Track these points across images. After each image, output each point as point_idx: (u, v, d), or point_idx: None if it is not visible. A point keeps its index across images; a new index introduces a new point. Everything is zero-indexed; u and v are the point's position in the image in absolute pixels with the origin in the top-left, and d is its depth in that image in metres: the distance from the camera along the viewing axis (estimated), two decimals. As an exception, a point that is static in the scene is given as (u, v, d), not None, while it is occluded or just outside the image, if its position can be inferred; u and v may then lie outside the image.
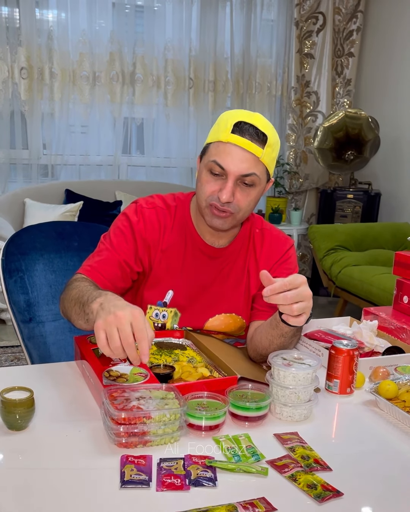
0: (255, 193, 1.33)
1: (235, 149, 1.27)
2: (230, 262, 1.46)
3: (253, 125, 1.27)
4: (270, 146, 1.29)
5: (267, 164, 1.31)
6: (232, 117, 1.29)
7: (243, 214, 1.35)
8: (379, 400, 1.21)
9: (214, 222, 1.35)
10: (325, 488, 0.92)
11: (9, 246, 1.60)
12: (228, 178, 1.29)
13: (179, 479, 0.92)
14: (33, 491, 0.89)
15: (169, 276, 1.43)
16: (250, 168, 1.28)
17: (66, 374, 1.31)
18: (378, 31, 4.71)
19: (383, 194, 4.56)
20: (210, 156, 1.31)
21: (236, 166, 1.27)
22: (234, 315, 1.47)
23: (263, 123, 1.30)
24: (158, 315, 1.45)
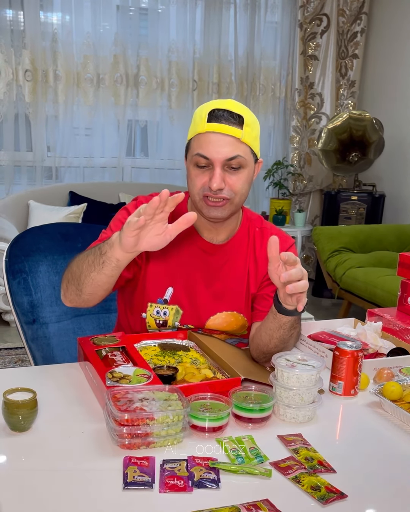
0: (245, 175, 1.33)
1: (214, 136, 1.28)
2: (229, 258, 1.46)
3: (226, 109, 1.29)
4: (248, 125, 1.29)
5: (250, 143, 1.31)
6: (205, 108, 1.31)
7: (239, 198, 1.35)
8: (383, 402, 1.20)
9: (211, 213, 1.34)
10: (329, 490, 0.92)
11: (13, 247, 1.60)
12: (214, 166, 1.29)
13: (182, 481, 0.92)
14: (36, 492, 0.89)
15: (168, 273, 1.43)
16: (233, 151, 1.28)
17: (69, 375, 1.30)
18: (382, 33, 4.70)
19: (387, 196, 4.55)
20: (193, 150, 1.32)
21: (218, 153, 1.27)
22: (235, 313, 1.46)
23: (236, 105, 1.31)
24: (159, 312, 1.45)
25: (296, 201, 5.10)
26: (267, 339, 1.30)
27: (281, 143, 5.05)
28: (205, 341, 1.38)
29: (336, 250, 4.02)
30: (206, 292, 1.45)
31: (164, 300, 1.44)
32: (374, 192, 4.54)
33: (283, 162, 4.84)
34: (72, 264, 1.31)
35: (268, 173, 4.80)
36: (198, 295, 1.45)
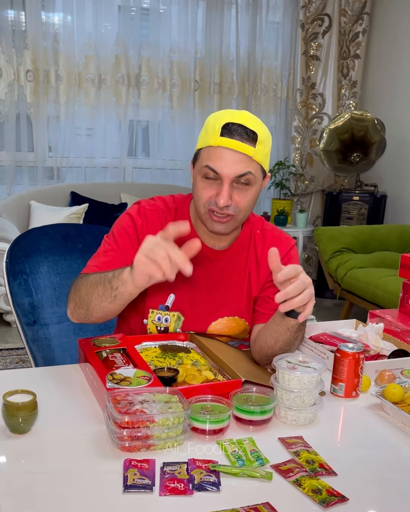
0: (252, 192, 1.31)
1: (226, 152, 1.25)
2: (231, 264, 1.45)
3: (241, 124, 1.25)
4: (261, 143, 1.27)
5: (261, 161, 1.29)
6: (219, 120, 1.27)
7: (243, 215, 1.34)
8: (385, 404, 1.20)
9: (215, 228, 1.34)
10: (330, 493, 0.91)
11: (14, 248, 1.60)
12: (223, 182, 1.27)
13: (182, 484, 0.91)
14: (36, 495, 0.88)
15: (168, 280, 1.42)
16: (243, 168, 1.26)
17: (70, 377, 1.30)
18: (384, 33, 4.69)
19: (389, 196, 4.54)
20: (202, 161, 1.29)
21: (229, 169, 1.26)
22: (237, 318, 1.46)
23: (251, 120, 1.28)
24: (160, 319, 1.44)
25: (298, 201, 5.10)
26: (272, 341, 1.29)
27: (283, 144, 5.05)
28: (206, 343, 1.38)
29: (338, 251, 4.01)
30: (208, 298, 1.44)
31: (166, 306, 1.44)
32: (376, 193, 4.53)
33: (285, 162, 4.83)
34: (80, 289, 1.28)
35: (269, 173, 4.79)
36: (200, 301, 1.44)
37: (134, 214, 1.41)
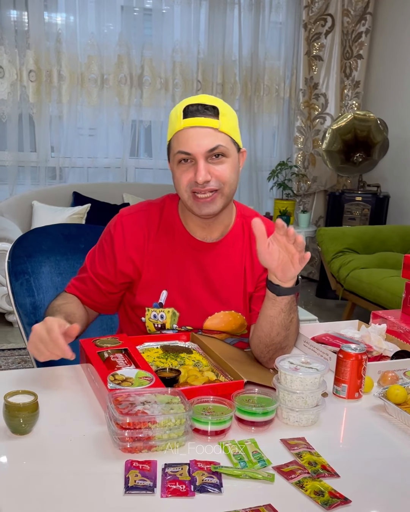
0: (230, 163, 1.31)
1: (191, 130, 1.28)
2: (224, 256, 1.44)
3: (199, 103, 1.29)
4: (224, 115, 1.29)
5: (228, 132, 1.30)
6: (179, 107, 1.31)
7: (228, 188, 1.33)
8: (387, 405, 1.19)
9: (203, 210, 1.33)
10: (333, 495, 0.91)
11: (16, 248, 1.60)
12: (197, 160, 1.28)
13: (184, 485, 0.91)
14: (37, 495, 0.88)
15: (161, 277, 1.42)
16: (213, 141, 1.27)
17: (71, 377, 1.30)
18: (386, 33, 4.68)
19: (391, 197, 4.53)
20: (174, 149, 1.31)
21: (199, 146, 1.27)
22: (233, 312, 1.45)
23: (209, 98, 1.32)
24: (156, 316, 1.44)
25: (300, 201, 5.09)
26: (268, 328, 1.29)
27: (285, 144, 5.04)
28: (208, 343, 1.37)
29: (340, 251, 4.00)
30: (203, 292, 1.43)
31: (159, 303, 1.43)
32: (379, 193, 4.52)
33: (287, 162, 4.83)
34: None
35: (272, 173, 4.79)
36: (195, 295, 1.43)
37: (112, 227, 1.43)
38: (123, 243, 1.41)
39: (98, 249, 1.45)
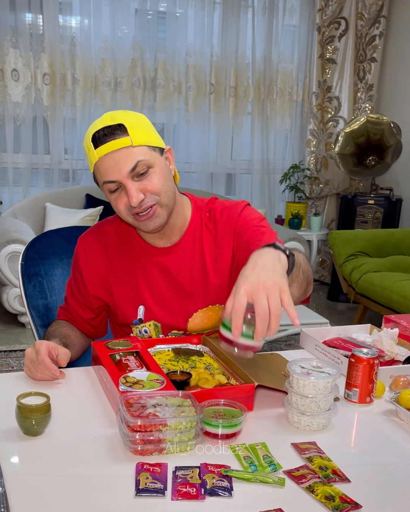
0: (157, 172, 1.29)
1: (107, 158, 1.25)
2: (187, 255, 1.42)
3: (104, 127, 1.25)
4: (132, 127, 1.25)
5: (144, 141, 1.27)
6: (87, 137, 1.28)
7: (165, 196, 1.31)
8: (399, 410, 1.18)
9: (149, 226, 1.32)
10: (343, 500, 0.90)
11: (29, 250, 1.61)
12: (125, 184, 1.26)
13: (194, 488, 0.91)
14: (48, 497, 0.89)
15: (133, 293, 1.43)
16: (131, 161, 1.24)
17: (83, 379, 1.31)
18: (400, 36, 4.66)
19: (404, 200, 4.51)
20: (100, 180, 1.30)
21: (119, 171, 1.25)
22: (210, 307, 1.44)
23: (111, 117, 1.27)
24: (141, 332, 1.46)
25: (312, 204, 5.08)
26: None
27: (298, 147, 5.04)
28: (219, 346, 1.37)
29: (352, 254, 3.99)
30: (175, 296, 1.43)
31: (139, 319, 1.44)
32: (391, 196, 4.50)
33: (300, 165, 4.82)
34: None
35: (284, 176, 4.79)
36: (169, 302, 1.43)
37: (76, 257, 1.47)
38: (89, 268, 1.44)
39: (73, 279, 1.48)
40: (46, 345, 1.24)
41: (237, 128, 4.77)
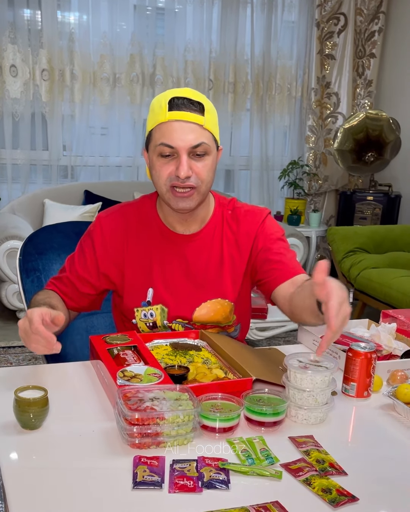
0: (210, 162, 1.32)
1: (177, 124, 1.27)
2: (206, 246, 1.44)
3: (186, 97, 1.28)
4: (208, 112, 1.30)
5: (211, 130, 1.31)
6: (164, 98, 1.30)
7: (205, 187, 1.34)
8: (396, 404, 1.19)
9: (180, 204, 1.33)
10: (340, 493, 0.91)
11: (27, 245, 1.61)
12: (180, 154, 1.28)
13: (192, 481, 0.91)
14: (46, 490, 0.89)
15: (145, 276, 1.43)
16: (197, 138, 1.28)
17: (81, 373, 1.31)
18: (400, 32, 4.65)
19: (403, 196, 4.51)
20: (156, 141, 1.30)
21: (183, 140, 1.27)
22: (220, 300, 1.45)
23: (194, 93, 1.32)
24: (146, 315, 1.45)
25: (311, 201, 5.08)
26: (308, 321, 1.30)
27: (297, 143, 5.03)
28: (217, 340, 1.38)
29: (351, 251, 3.99)
30: (186, 284, 1.44)
31: (147, 302, 1.44)
32: (390, 193, 4.50)
33: (299, 162, 4.81)
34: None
35: (283, 172, 4.78)
36: (179, 288, 1.44)
37: (91, 231, 1.45)
38: (104, 245, 1.42)
39: (78, 252, 1.45)
40: (39, 313, 1.15)
41: (235, 124, 4.76)
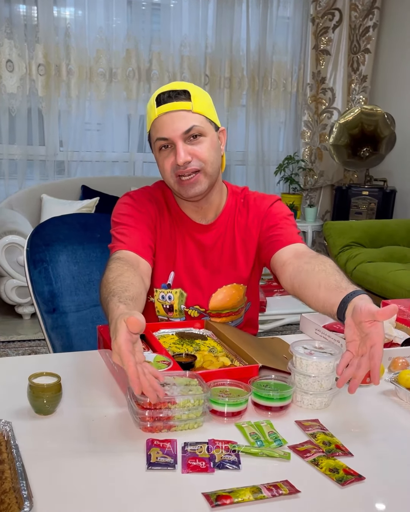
0: (208, 142, 1.36)
1: (165, 116, 1.33)
2: (221, 235, 1.50)
3: (170, 90, 1.34)
4: (195, 96, 1.34)
5: (203, 112, 1.35)
6: (152, 98, 1.36)
7: (210, 167, 1.37)
8: (399, 389, 1.22)
9: (189, 192, 1.37)
10: (347, 472, 0.94)
11: (34, 237, 1.63)
12: (175, 143, 1.33)
13: (204, 462, 0.94)
14: (64, 471, 0.91)
15: (168, 259, 1.48)
16: (187, 123, 1.32)
17: (90, 362, 1.33)
18: (394, 28, 4.69)
19: (398, 191, 4.55)
20: (153, 137, 1.37)
21: (174, 130, 1.32)
22: (235, 284, 1.51)
23: (179, 84, 1.37)
24: (164, 297, 1.50)
25: (307, 196, 5.11)
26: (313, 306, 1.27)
27: (292, 138, 5.06)
28: (222, 329, 1.41)
29: (347, 245, 4.03)
30: (204, 271, 1.50)
31: (168, 284, 1.49)
32: (385, 187, 4.54)
33: (294, 157, 4.85)
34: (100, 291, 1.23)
35: (279, 168, 4.82)
36: (197, 275, 1.49)
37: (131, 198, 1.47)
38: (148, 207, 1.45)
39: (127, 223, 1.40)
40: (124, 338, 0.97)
41: (231, 120, 4.79)
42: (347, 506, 0.87)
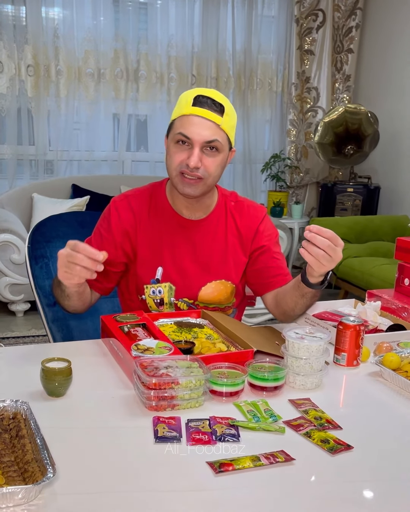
0: (220, 158, 1.45)
1: (197, 119, 1.41)
2: (210, 232, 1.59)
3: (210, 97, 1.42)
4: (227, 114, 1.43)
5: (227, 131, 1.44)
6: (191, 94, 1.44)
7: (211, 180, 1.47)
8: (383, 371, 1.31)
9: (185, 189, 1.46)
10: (337, 442, 1.03)
11: (35, 234, 1.70)
12: (193, 146, 1.41)
13: (207, 435, 1.03)
14: (81, 445, 1.00)
15: (155, 255, 1.56)
16: (212, 135, 1.41)
17: (94, 350, 1.41)
18: (376, 28, 4.80)
19: (382, 188, 4.67)
20: (176, 129, 1.44)
21: (199, 134, 1.40)
22: (223, 281, 1.59)
23: (219, 96, 1.45)
24: (155, 292, 1.58)
25: (293, 193, 5.21)
26: (292, 305, 1.47)
27: (278, 137, 5.16)
28: (218, 318, 1.49)
29: (333, 241, 4.12)
30: (193, 266, 1.58)
31: (156, 279, 1.57)
32: (370, 184, 4.65)
33: (280, 155, 4.94)
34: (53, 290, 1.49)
35: (265, 166, 4.91)
36: (186, 269, 1.57)
37: (107, 213, 1.58)
38: (119, 222, 1.55)
39: (95, 234, 1.58)
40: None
41: (218, 119, 4.86)
42: (337, 472, 0.96)
